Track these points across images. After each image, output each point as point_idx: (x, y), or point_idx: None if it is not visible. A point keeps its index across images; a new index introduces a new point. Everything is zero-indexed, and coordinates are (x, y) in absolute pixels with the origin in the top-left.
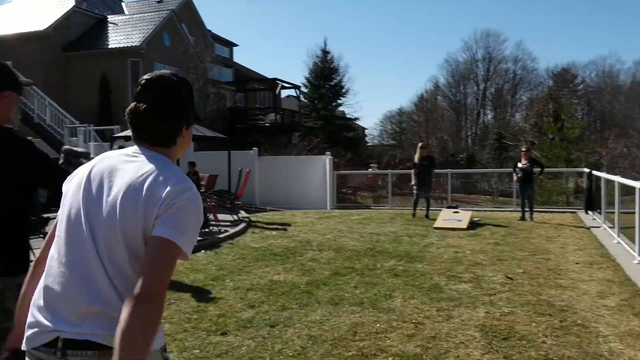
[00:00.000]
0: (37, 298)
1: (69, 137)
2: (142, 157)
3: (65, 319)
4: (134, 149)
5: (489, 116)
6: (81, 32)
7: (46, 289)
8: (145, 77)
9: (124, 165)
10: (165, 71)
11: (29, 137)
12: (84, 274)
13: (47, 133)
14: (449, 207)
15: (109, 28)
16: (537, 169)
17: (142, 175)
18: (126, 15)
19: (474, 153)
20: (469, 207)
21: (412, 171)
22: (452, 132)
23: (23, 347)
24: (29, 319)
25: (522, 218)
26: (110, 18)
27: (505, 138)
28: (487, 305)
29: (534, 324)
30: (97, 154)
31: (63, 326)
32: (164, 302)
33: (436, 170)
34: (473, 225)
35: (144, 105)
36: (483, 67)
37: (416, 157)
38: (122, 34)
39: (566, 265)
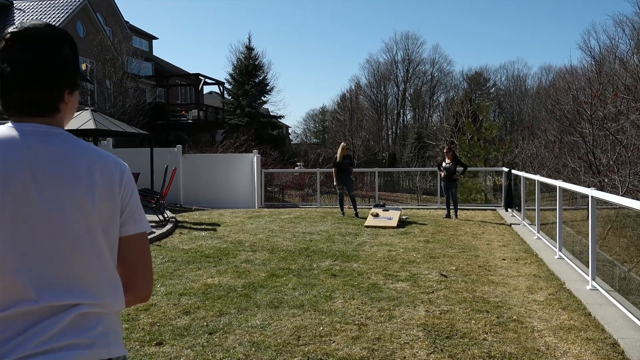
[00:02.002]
0: None
1: None
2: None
3: None
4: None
5: (409, 116)
6: None
7: None
8: (12, 29)
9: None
10: (38, 22)
11: None
12: None
13: None
14: (376, 206)
15: (15, 15)
16: (460, 168)
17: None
18: (34, 1)
19: (395, 152)
20: (395, 205)
21: (333, 170)
22: (373, 131)
23: None
24: None
25: (448, 215)
26: (17, 4)
27: (425, 138)
28: (426, 303)
29: (473, 321)
30: None
31: None
32: None
33: (363, 169)
34: (402, 223)
35: (12, 66)
36: (403, 69)
37: (338, 156)
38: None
39: (494, 261)
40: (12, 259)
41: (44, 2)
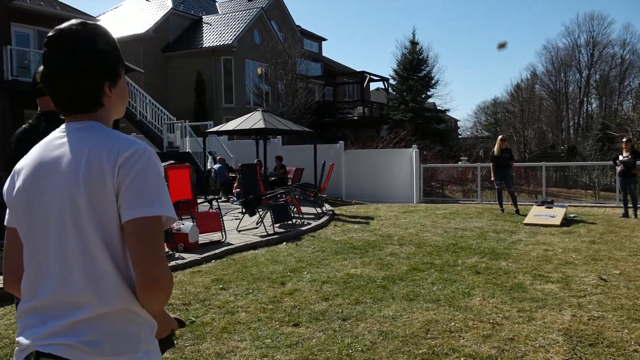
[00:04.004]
0: None
1: (168, 133)
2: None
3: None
4: (61, 129)
5: (594, 105)
6: (178, 33)
7: None
8: (49, 34)
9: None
10: (73, 21)
11: (133, 134)
12: None
13: (148, 129)
14: (542, 203)
15: (204, 28)
16: None
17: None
18: (219, 14)
19: (576, 144)
20: (567, 202)
21: (491, 165)
22: (551, 122)
23: None
24: None
25: (625, 215)
26: (205, 18)
27: (610, 128)
28: (574, 307)
29: (626, 331)
30: (192, 149)
31: None
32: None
33: (529, 164)
34: (568, 221)
35: (50, 70)
36: (586, 53)
37: (495, 150)
38: (215, 33)
39: None
40: (31, 253)
41: (227, 14)
